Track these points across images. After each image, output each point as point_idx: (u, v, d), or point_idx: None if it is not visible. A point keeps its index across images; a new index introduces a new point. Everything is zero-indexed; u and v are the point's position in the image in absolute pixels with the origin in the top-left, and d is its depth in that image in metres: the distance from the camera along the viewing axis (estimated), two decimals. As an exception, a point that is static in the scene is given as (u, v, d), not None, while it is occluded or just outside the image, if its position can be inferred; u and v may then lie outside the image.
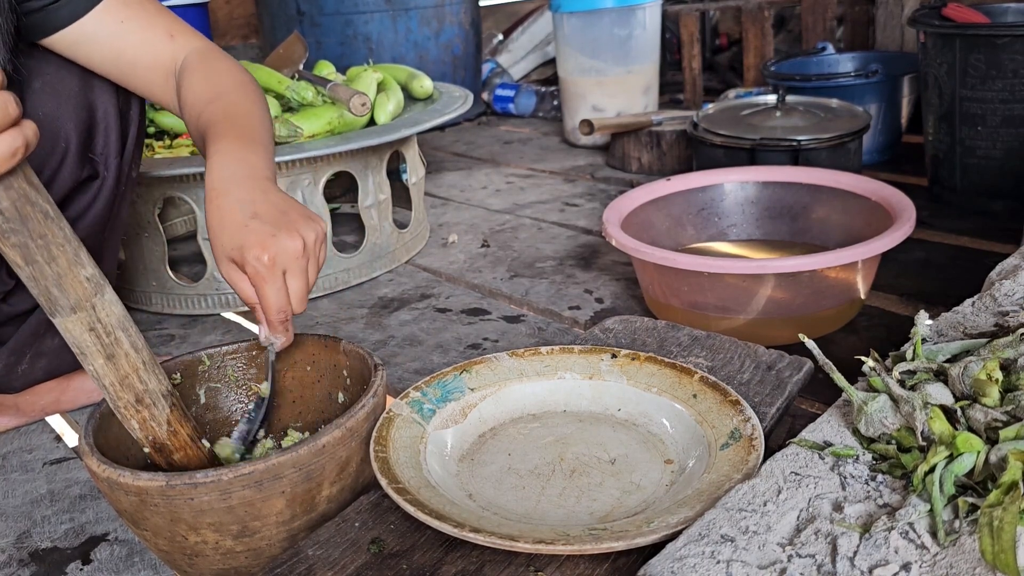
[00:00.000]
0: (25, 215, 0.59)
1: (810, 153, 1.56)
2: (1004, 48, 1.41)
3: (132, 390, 0.69)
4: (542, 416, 0.82)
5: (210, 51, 0.96)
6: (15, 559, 0.86)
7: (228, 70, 0.95)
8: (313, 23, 2.52)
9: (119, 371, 0.68)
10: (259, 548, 0.69)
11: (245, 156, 0.82)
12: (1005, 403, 0.61)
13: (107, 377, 0.68)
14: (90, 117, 0.97)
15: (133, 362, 0.69)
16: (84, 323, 0.64)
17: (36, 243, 0.60)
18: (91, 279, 0.64)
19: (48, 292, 0.62)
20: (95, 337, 0.65)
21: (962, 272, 1.30)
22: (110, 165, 1.01)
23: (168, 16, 0.96)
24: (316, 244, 0.78)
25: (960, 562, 0.50)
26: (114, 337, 0.66)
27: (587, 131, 2.02)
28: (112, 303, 0.66)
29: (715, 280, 1.09)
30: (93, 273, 0.64)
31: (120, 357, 0.67)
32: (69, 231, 0.63)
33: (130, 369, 0.68)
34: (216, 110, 0.88)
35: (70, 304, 0.63)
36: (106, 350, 0.66)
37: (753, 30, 2.44)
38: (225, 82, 0.93)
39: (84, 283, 0.63)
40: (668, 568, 0.53)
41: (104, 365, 0.67)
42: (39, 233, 0.60)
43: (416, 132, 1.47)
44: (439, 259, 1.58)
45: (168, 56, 0.95)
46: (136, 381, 0.69)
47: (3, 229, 0.58)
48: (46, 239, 0.60)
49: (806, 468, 0.61)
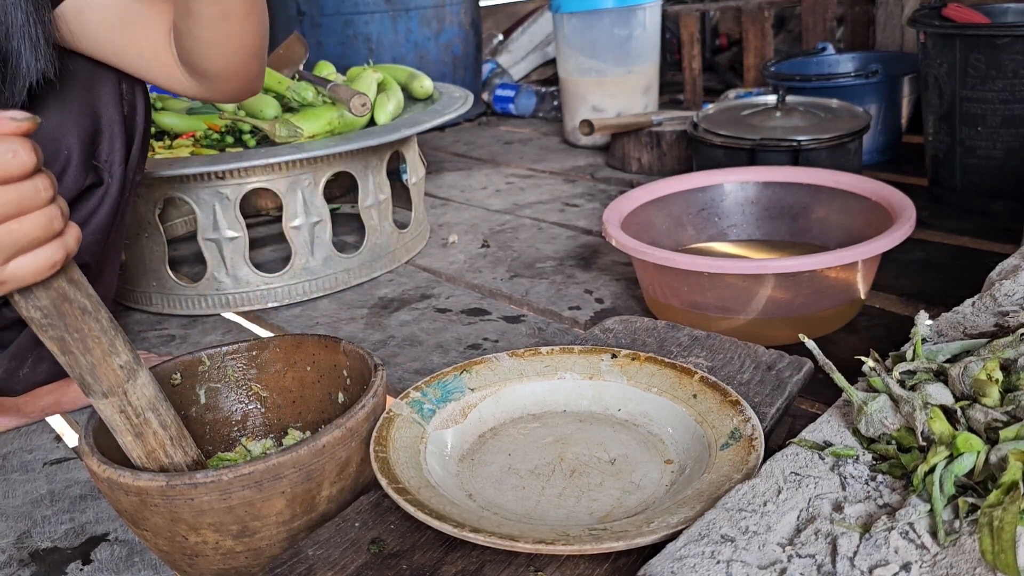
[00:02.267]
0: (63, 312, 0.62)
1: (810, 153, 1.56)
2: (1004, 48, 1.41)
3: (158, 463, 0.73)
4: (542, 416, 0.82)
5: None
6: (15, 559, 0.86)
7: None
8: (313, 23, 2.52)
9: (146, 447, 0.72)
10: (259, 548, 0.69)
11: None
12: (1005, 403, 0.61)
13: (135, 451, 0.72)
14: (94, 125, 0.97)
15: (160, 440, 0.72)
16: (115, 407, 0.69)
17: (72, 336, 0.64)
18: (125, 366, 0.68)
19: (83, 378, 0.66)
20: (124, 418, 0.70)
21: (962, 272, 1.30)
22: (114, 172, 1.01)
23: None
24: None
25: (960, 562, 0.50)
26: (143, 418, 0.71)
27: (587, 131, 2.02)
28: (144, 386, 0.70)
29: (715, 280, 1.09)
30: (128, 360, 0.68)
31: (148, 435, 0.72)
32: (107, 321, 0.66)
33: (156, 446, 0.72)
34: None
35: (103, 390, 0.67)
36: (134, 429, 0.70)
37: (753, 30, 2.44)
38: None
39: (117, 371, 0.67)
40: (668, 568, 0.53)
41: (132, 441, 0.71)
42: (75, 328, 0.64)
43: (416, 132, 1.47)
44: (439, 259, 1.58)
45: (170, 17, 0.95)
46: (162, 456, 0.73)
47: (42, 324, 0.62)
48: (82, 333, 0.64)
49: (806, 468, 0.61)
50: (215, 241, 1.36)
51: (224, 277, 1.38)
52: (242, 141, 1.52)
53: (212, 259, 1.37)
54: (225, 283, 1.39)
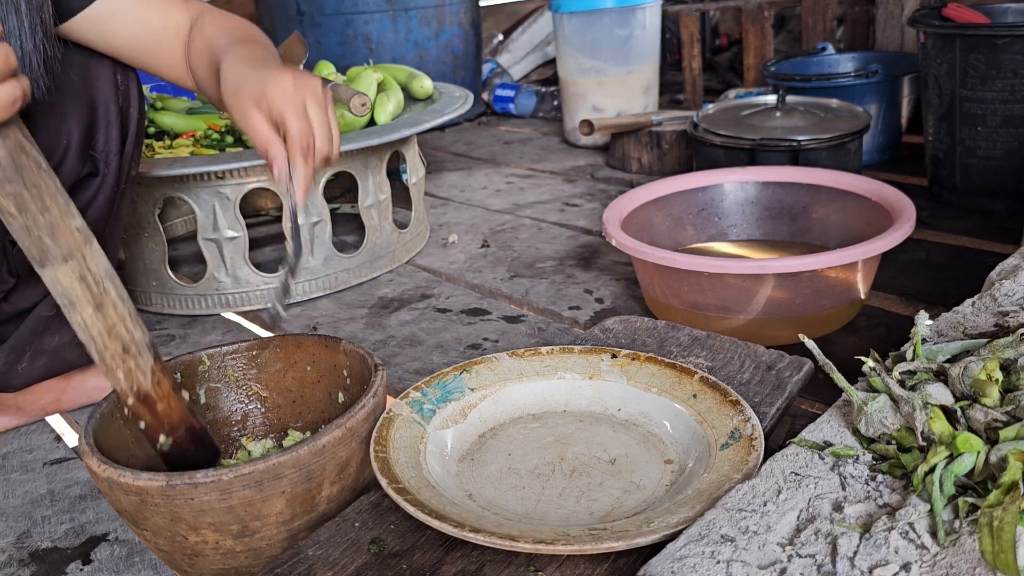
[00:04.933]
0: (20, 165, 0.60)
1: (810, 153, 1.56)
2: (1004, 48, 1.41)
3: (119, 340, 0.69)
4: (542, 416, 0.82)
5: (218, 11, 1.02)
6: (15, 559, 0.86)
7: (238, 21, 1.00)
8: (313, 23, 2.52)
9: (107, 320, 0.68)
10: (259, 548, 0.69)
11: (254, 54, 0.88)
12: (1005, 403, 0.61)
13: (95, 327, 0.68)
14: (91, 114, 0.98)
15: (120, 312, 0.69)
16: (75, 272, 0.65)
17: (31, 192, 0.61)
18: (80, 229, 0.65)
19: (41, 241, 0.63)
20: (85, 286, 0.66)
21: (962, 272, 1.30)
22: (110, 162, 1.01)
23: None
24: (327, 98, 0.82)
25: (960, 562, 0.50)
26: (103, 287, 0.67)
27: (587, 131, 2.02)
28: (99, 254, 0.67)
29: (715, 280, 1.09)
30: (82, 224, 0.65)
31: (108, 307, 0.68)
32: (59, 183, 0.64)
33: (117, 319, 0.69)
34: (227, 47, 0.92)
35: (62, 253, 0.64)
36: (95, 299, 0.67)
37: (753, 30, 2.44)
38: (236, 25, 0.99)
39: (75, 232, 0.64)
40: (668, 568, 0.53)
41: (93, 315, 0.67)
42: (33, 183, 0.61)
43: (416, 132, 1.47)
44: (439, 259, 1.58)
45: (185, 22, 0.99)
46: (123, 331, 0.69)
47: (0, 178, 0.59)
48: (39, 189, 0.62)
49: (806, 468, 0.61)
50: (215, 241, 1.36)
51: (224, 277, 1.38)
52: (242, 141, 1.52)
53: (212, 259, 1.37)
54: (225, 283, 1.39)
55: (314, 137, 0.81)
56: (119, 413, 0.77)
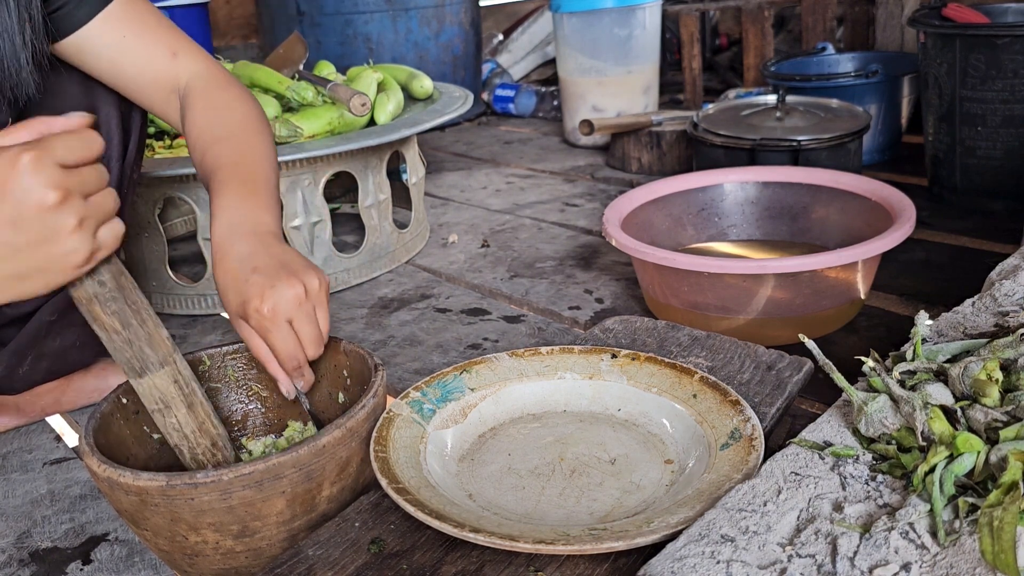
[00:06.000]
0: (121, 285, 0.67)
1: (810, 153, 1.56)
2: (1004, 48, 1.41)
3: (208, 436, 0.75)
4: (542, 416, 0.82)
5: (214, 76, 0.95)
6: (15, 559, 0.86)
7: (232, 101, 0.94)
8: (313, 23, 2.52)
9: (197, 419, 0.74)
10: (259, 548, 0.69)
11: (248, 211, 0.83)
12: (1005, 403, 0.61)
13: (188, 426, 0.74)
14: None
15: (206, 409, 0.75)
16: (170, 376, 0.71)
17: (131, 308, 0.68)
18: (169, 338, 0.71)
19: (142, 351, 0.69)
20: (178, 389, 0.72)
21: (962, 272, 1.30)
22: (112, 169, 1.01)
23: (172, 33, 0.96)
24: (319, 290, 0.79)
25: (960, 562, 0.50)
26: (191, 388, 0.73)
27: (587, 131, 2.02)
28: (183, 359, 0.73)
29: (715, 280, 1.09)
30: (167, 334, 0.71)
31: (197, 406, 0.74)
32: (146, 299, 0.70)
33: (204, 416, 0.74)
34: (221, 154, 0.88)
35: (159, 360, 0.70)
36: (187, 400, 0.73)
37: (753, 30, 2.44)
38: (229, 120, 0.92)
39: (167, 341, 0.71)
40: (668, 568, 0.53)
41: (186, 414, 0.73)
42: (132, 300, 0.68)
43: (416, 132, 1.47)
44: (439, 259, 1.58)
45: (170, 75, 0.95)
46: (211, 427, 0.75)
47: (106, 298, 0.66)
48: (137, 305, 0.68)
49: (806, 468, 0.61)
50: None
51: (224, 277, 1.38)
52: (242, 141, 1.52)
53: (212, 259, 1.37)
54: (225, 283, 1.39)
55: (304, 351, 0.79)
56: (120, 413, 0.78)
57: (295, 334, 0.78)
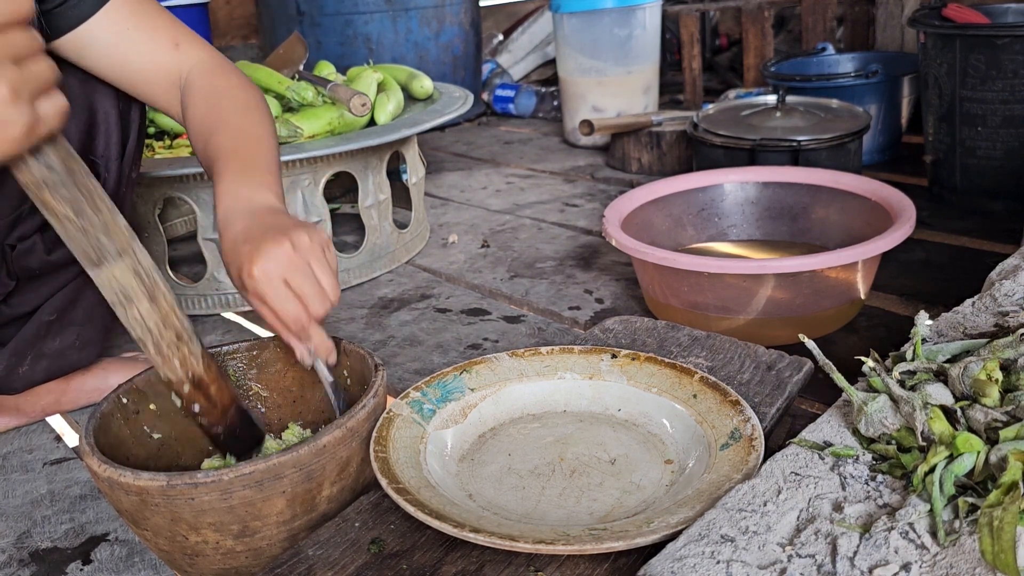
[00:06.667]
0: (71, 169, 0.62)
1: (810, 153, 1.56)
2: (1004, 48, 1.41)
3: (173, 328, 0.71)
4: (542, 416, 0.82)
5: (215, 65, 0.95)
6: (15, 559, 0.86)
7: (233, 89, 0.94)
8: (313, 23, 2.52)
9: (161, 311, 0.70)
10: (259, 548, 0.69)
11: (246, 194, 0.83)
12: (1005, 403, 0.61)
13: (151, 319, 0.70)
14: (91, 119, 0.97)
15: (169, 301, 0.71)
16: (130, 267, 0.67)
17: (83, 194, 0.63)
18: (127, 227, 0.67)
19: (98, 240, 0.65)
20: (139, 280, 0.68)
21: (962, 272, 1.30)
22: (111, 167, 1.01)
23: (173, 24, 0.95)
24: (311, 245, 0.76)
25: (960, 562, 0.50)
26: (152, 279, 0.69)
27: (587, 131, 2.02)
28: (143, 248, 0.69)
29: (715, 280, 1.09)
30: (125, 222, 0.68)
31: (159, 298, 0.70)
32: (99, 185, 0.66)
33: (168, 308, 0.71)
34: (221, 142, 0.88)
35: (117, 249, 0.66)
36: (149, 292, 0.69)
37: (753, 30, 2.44)
38: (230, 106, 0.92)
39: (124, 229, 0.67)
40: (668, 568, 0.53)
41: (149, 307, 0.69)
42: (84, 185, 0.63)
43: (416, 132, 1.47)
44: (439, 259, 1.58)
45: (172, 66, 0.94)
46: (175, 319, 0.71)
47: (54, 182, 0.61)
48: (90, 191, 0.64)
49: (806, 468, 0.61)
50: (215, 241, 1.36)
51: (224, 277, 1.38)
52: (242, 141, 1.52)
53: (212, 259, 1.37)
54: (225, 283, 1.39)
55: (307, 308, 0.76)
56: (120, 413, 0.78)
57: (294, 294, 0.75)
